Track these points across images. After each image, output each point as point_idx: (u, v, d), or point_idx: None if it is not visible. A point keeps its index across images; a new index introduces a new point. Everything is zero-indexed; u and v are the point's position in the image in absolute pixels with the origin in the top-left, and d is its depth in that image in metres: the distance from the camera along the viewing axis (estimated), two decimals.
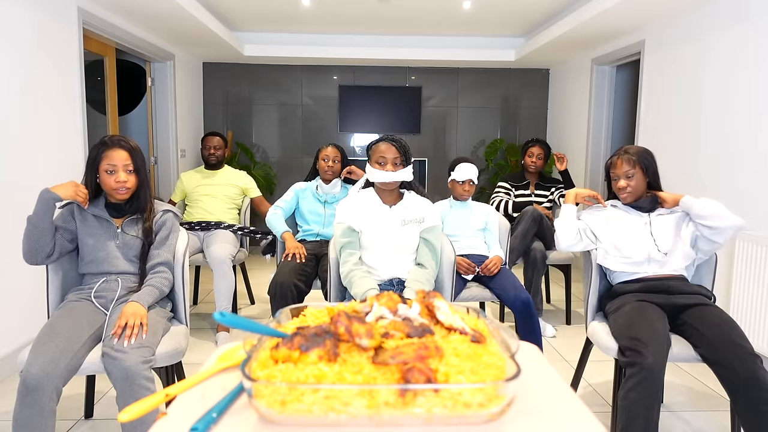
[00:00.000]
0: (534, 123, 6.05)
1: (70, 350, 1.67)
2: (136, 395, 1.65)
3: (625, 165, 2.15)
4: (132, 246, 2.00)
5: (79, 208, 1.98)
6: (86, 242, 1.97)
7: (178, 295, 2.09)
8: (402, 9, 4.47)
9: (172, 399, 0.85)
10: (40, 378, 1.57)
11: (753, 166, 2.92)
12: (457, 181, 2.84)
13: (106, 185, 1.95)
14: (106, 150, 1.93)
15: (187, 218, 3.54)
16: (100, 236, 1.98)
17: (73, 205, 1.98)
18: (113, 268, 1.97)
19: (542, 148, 3.76)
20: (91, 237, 1.97)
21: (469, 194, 2.87)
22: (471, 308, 1.02)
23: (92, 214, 1.99)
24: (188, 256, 2.14)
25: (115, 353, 1.67)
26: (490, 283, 2.71)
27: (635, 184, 2.14)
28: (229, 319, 0.80)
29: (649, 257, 2.07)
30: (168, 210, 2.08)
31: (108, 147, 1.94)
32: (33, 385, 1.57)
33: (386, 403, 0.70)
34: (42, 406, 1.58)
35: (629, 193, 2.16)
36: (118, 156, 1.93)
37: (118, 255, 1.98)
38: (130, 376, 1.65)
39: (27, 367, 1.59)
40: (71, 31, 3.22)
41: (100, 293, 1.93)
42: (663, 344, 1.77)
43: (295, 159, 5.99)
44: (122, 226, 2.00)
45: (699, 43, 3.40)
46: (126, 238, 2.00)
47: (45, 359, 1.60)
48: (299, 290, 2.55)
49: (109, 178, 1.93)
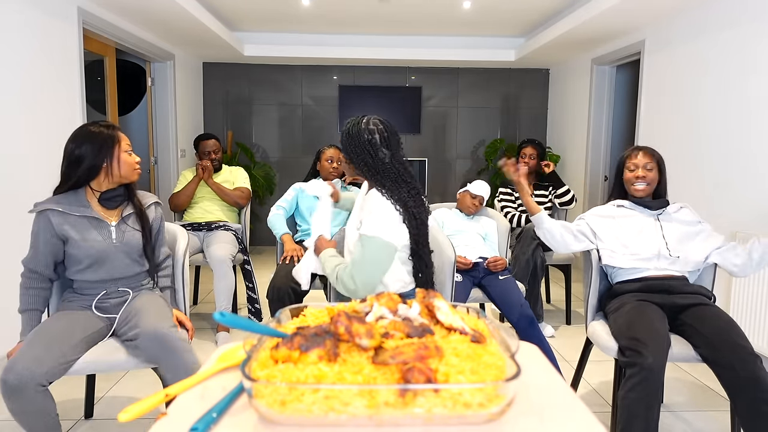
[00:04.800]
0: (534, 123, 6.05)
1: (58, 349, 1.65)
2: (176, 359, 1.71)
3: (646, 157, 2.16)
4: (133, 240, 1.89)
5: (60, 215, 1.80)
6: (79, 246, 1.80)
7: (178, 294, 2.09)
8: (402, 9, 4.47)
9: (172, 399, 0.85)
10: (21, 376, 1.54)
11: (752, 166, 2.92)
12: (471, 193, 2.92)
13: (125, 167, 1.85)
14: (117, 132, 1.86)
15: (187, 218, 3.54)
16: (94, 238, 1.82)
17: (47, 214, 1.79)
18: (117, 274, 1.88)
19: (535, 148, 3.76)
20: (84, 240, 1.81)
21: (476, 210, 2.98)
22: (471, 308, 1.02)
23: (79, 216, 1.82)
24: (188, 256, 2.14)
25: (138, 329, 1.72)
26: (494, 294, 2.69)
27: (653, 177, 2.15)
28: (229, 319, 0.80)
29: (659, 254, 2.07)
30: (156, 202, 2.04)
31: (117, 129, 1.87)
32: (14, 384, 1.53)
33: (386, 403, 0.70)
34: (30, 401, 1.56)
35: (647, 185, 2.15)
36: (125, 136, 1.90)
37: (116, 254, 1.85)
38: (162, 339, 1.70)
39: (9, 365, 1.56)
40: (71, 31, 3.22)
41: (101, 304, 1.87)
42: (663, 344, 1.77)
43: (295, 159, 5.99)
44: (117, 222, 1.88)
45: (699, 44, 3.40)
46: (127, 237, 1.88)
47: (29, 357, 1.58)
48: (297, 293, 2.55)
49: (129, 158, 1.87)
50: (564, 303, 3.69)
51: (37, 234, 1.81)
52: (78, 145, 1.80)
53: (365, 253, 1.74)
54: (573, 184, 5.17)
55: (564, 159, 5.56)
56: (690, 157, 3.46)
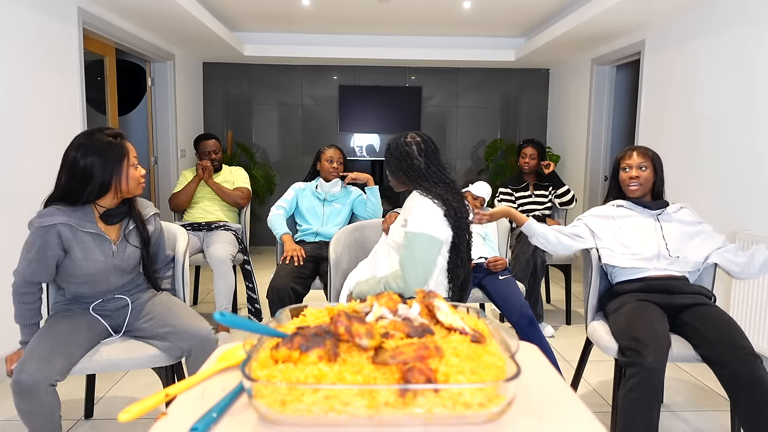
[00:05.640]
0: (534, 123, 6.05)
1: (66, 348, 1.66)
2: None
3: (639, 157, 2.16)
4: (132, 258, 1.85)
5: (70, 230, 1.71)
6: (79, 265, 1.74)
7: (178, 294, 2.10)
8: (402, 9, 4.47)
9: (172, 399, 0.85)
10: (35, 376, 1.56)
11: (752, 165, 2.92)
12: (473, 194, 2.92)
13: (131, 180, 1.76)
14: (125, 143, 1.75)
15: (187, 218, 3.54)
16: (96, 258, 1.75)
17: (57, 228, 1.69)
18: (111, 286, 1.84)
19: (535, 148, 3.76)
20: (85, 260, 1.74)
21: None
22: (471, 308, 1.02)
23: (86, 231, 1.73)
24: (188, 256, 2.14)
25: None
26: (494, 294, 2.68)
27: (647, 176, 2.15)
28: (229, 319, 0.80)
29: (658, 254, 2.07)
30: (156, 213, 2.00)
31: (124, 139, 1.76)
32: (28, 385, 1.55)
33: (386, 403, 0.70)
34: (41, 400, 1.58)
35: (640, 185, 2.15)
36: (132, 147, 1.79)
37: (113, 272, 1.81)
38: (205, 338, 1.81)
39: (20, 366, 1.58)
40: (71, 31, 3.22)
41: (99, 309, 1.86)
42: (663, 344, 1.77)
43: (295, 159, 5.99)
44: (119, 241, 1.82)
45: (699, 43, 3.40)
46: (127, 253, 1.83)
47: (39, 357, 1.60)
48: (296, 293, 2.55)
49: (136, 172, 1.77)
50: (564, 303, 3.69)
51: (42, 247, 1.68)
52: (83, 156, 1.67)
53: (413, 250, 1.82)
54: (573, 184, 5.17)
55: (564, 159, 5.56)
56: (690, 157, 3.46)
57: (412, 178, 1.96)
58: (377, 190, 3.00)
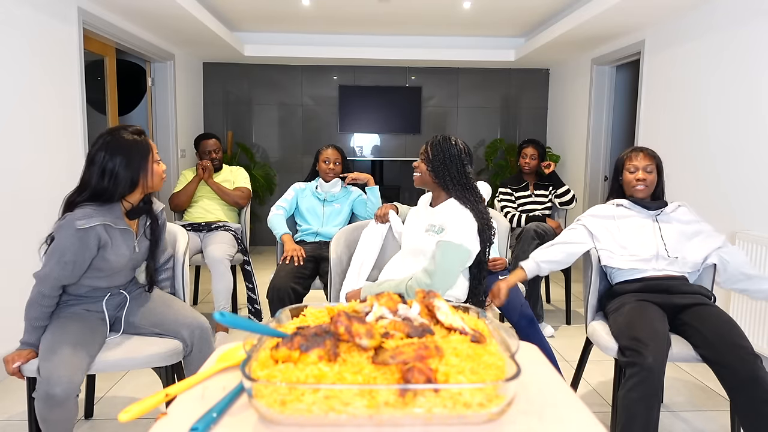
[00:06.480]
0: (534, 123, 6.05)
1: (85, 354, 1.68)
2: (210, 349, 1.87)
3: (646, 159, 2.16)
4: (146, 252, 1.91)
5: (106, 228, 1.74)
6: (108, 260, 1.77)
7: (178, 294, 2.10)
8: (402, 9, 4.47)
9: (172, 399, 0.85)
10: (67, 389, 1.56)
11: (752, 166, 2.92)
12: None
13: (155, 176, 1.81)
14: (148, 140, 1.80)
15: (187, 218, 3.54)
16: (123, 253, 1.80)
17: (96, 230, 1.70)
18: (123, 280, 1.89)
19: (535, 149, 3.77)
20: (114, 255, 1.77)
21: None
22: (471, 308, 1.02)
23: (117, 228, 1.77)
24: (188, 256, 2.14)
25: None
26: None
27: (653, 179, 2.16)
28: (228, 319, 0.80)
29: (657, 254, 2.07)
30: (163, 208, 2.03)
31: (147, 137, 1.81)
32: (61, 398, 1.55)
33: (386, 403, 0.70)
34: (70, 410, 1.60)
35: (646, 187, 2.16)
36: (153, 143, 1.84)
37: (131, 266, 1.88)
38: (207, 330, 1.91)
39: (46, 377, 1.56)
40: (71, 32, 3.22)
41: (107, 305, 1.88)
42: (663, 344, 1.77)
43: (295, 159, 5.99)
44: (139, 236, 1.87)
45: (699, 43, 3.40)
46: (143, 247, 1.88)
47: (66, 367, 1.59)
48: (296, 293, 2.55)
49: (158, 168, 1.83)
50: (564, 303, 3.69)
51: (80, 249, 1.68)
52: (111, 155, 1.71)
53: (448, 259, 1.89)
54: (573, 184, 5.17)
55: (564, 159, 5.56)
56: (690, 157, 3.46)
57: (457, 186, 1.99)
58: (377, 190, 3.00)
